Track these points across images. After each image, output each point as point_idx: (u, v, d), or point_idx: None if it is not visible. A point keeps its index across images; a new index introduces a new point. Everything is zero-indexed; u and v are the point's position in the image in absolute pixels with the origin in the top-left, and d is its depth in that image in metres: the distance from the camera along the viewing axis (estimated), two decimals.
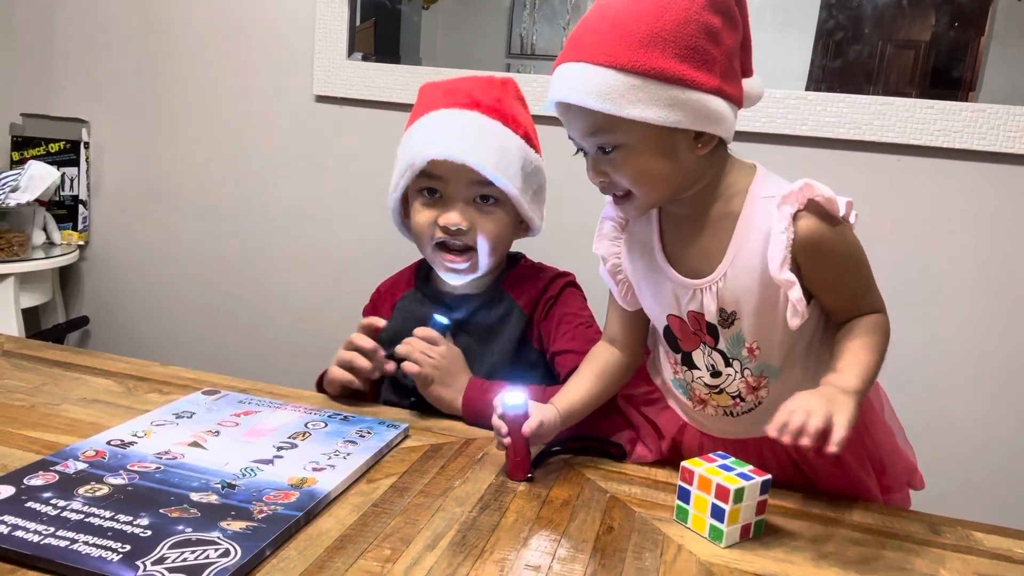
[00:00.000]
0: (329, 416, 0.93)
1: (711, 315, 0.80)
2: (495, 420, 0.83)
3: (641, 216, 0.84)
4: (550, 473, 0.85)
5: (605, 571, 0.66)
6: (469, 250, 1.01)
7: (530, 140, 1.04)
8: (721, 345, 0.82)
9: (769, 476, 0.73)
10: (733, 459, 0.76)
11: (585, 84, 0.73)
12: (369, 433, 0.88)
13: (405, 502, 0.75)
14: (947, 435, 1.47)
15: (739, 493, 0.71)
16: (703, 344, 0.83)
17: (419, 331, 0.99)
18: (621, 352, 0.92)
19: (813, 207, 0.75)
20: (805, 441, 0.68)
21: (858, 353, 0.77)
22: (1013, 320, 1.46)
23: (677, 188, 0.79)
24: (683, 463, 0.75)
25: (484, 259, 1.02)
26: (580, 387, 0.90)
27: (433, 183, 1.00)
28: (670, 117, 0.73)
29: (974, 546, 0.77)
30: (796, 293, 0.74)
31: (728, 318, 0.80)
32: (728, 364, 0.82)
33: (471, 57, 1.82)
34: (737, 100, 0.78)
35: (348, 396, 1.03)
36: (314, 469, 0.78)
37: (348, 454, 0.82)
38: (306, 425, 0.89)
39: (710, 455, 0.76)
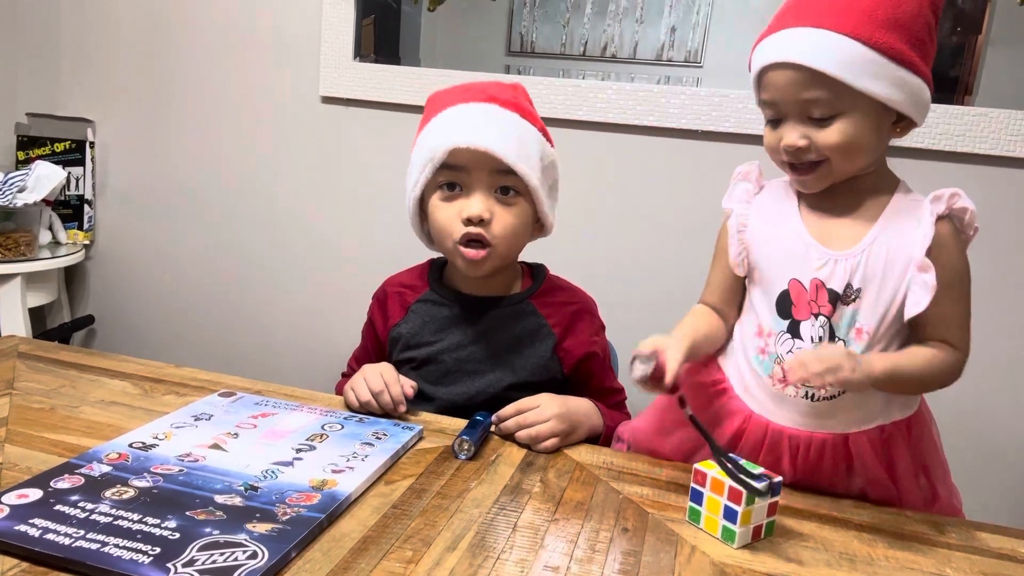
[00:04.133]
0: (345, 418, 0.94)
1: (839, 284, 0.83)
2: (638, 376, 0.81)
3: (822, 187, 0.86)
4: (563, 474, 0.86)
5: (622, 571, 0.68)
6: (487, 245, 1.00)
7: (545, 135, 1.05)
8: (835, 318, 0.84)
9: (780, 478, 0.75)
10: (745, 461, 0.77)
11: (827, 49, 0.78)
12: (385, 435, 0.90)
13: (423, 504, 0.77)
14: (949, 435, 1.49)
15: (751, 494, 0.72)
16: (816, 316, 0.84)
17: (521, 407, 0.96)
18: (720, 317, 0.94)
19: (956, 214, 0.82)
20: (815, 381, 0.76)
21: (909, 361, 0.82)
22: (1016, 322, 1.48)
23: (867, 164, 0.84)
24: (695, 465, 0.77)
25: (501, 251, 1.01)
26: (699, 328, 0.90)
27: (454, 176, 1.00)
28: (895, 96, 0.80)
29: (979, 546, 0.79)
30: (932, 277, 0.79)
31: (852, 294, 0.83)
32: (833, 340, 0.84)
33: (471, 55, 1.83)
34: (933, 93, 0.84)
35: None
36: (334, 471, 0.79)
37: (366, 456, 0.84)
38: (323, 427, 0.91)
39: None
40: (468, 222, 0.99)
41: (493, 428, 0.95)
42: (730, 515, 0.73)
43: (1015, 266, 1.47)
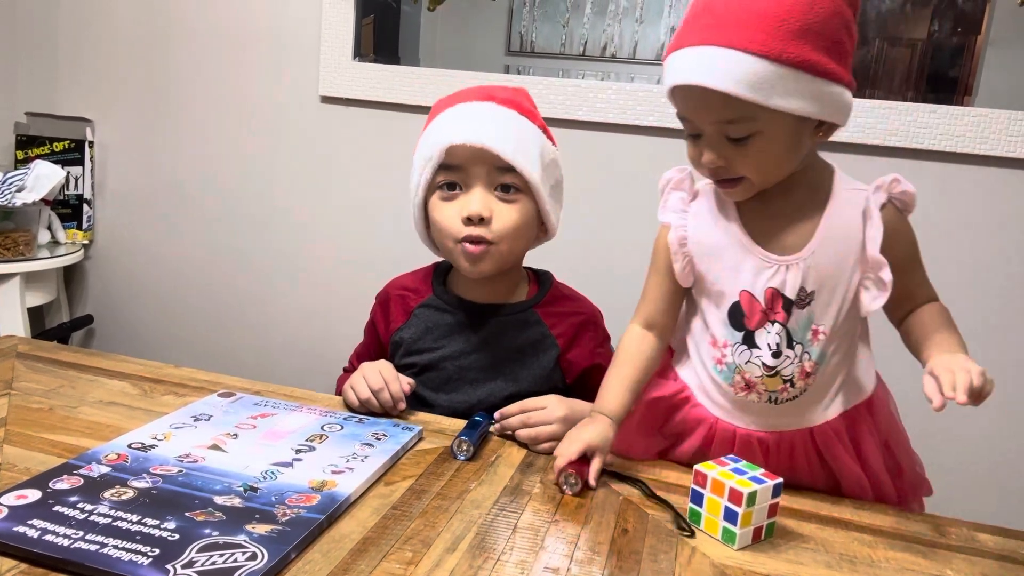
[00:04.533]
0: (344, 418, 0.94)
1: (792, 291, 0.82)
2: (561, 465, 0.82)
3: (747, 197, 0.84)
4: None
5: (622, 573, 0.68)
6: (488, 243, 0.99)
7: (547, 134, 1.04)
8: (791, 324, 0.83)
9: (780, 480, 0.75)
10: (745, 462, 0.77)
11: (733, 71, 0.73)
12: (384, 436, 0.90)
13: (423, 505, 0.76)
14: (950, 437, 1.49)
15: (752, 496, 0.72)
16: (771, 323, 0.83)
17: (526, 406, 0.95)
18: (657, 338, 0.92)
19: (897, 198, 0.82)
20: (975, 401, 0.72)
21: (951, 332, 0.83)
22: (1015, 323, 1.48)
23: (789, 172, 0.82)
24: (696, 466, 0.77)
25: (503, 249, 1.00)
26: (628, 388, 0.89)
27: (453, 176, 0.99)
28: (812, 108, 0.76)
29: (979, 547, 0.79)
30: (887, 274, 0.79)
31: (806, 298, 0.82)
32: (791, 346, 0.84)
33: (470, 55, 1.83)
34: (854, 90, 0.81)
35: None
36: (333, 472, 0.79)
37: (365, 457, 0.83)
38: (322, 428, 0.90)
39: (723, 459, 0.78)
40: (468, 221, 0.98)
41: (495, 426, 0.95)
42: (730, 516, 0.73)
43: (1016, 265, 1.47)
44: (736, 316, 0.85)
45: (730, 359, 0.86)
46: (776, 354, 0.83)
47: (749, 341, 0.85)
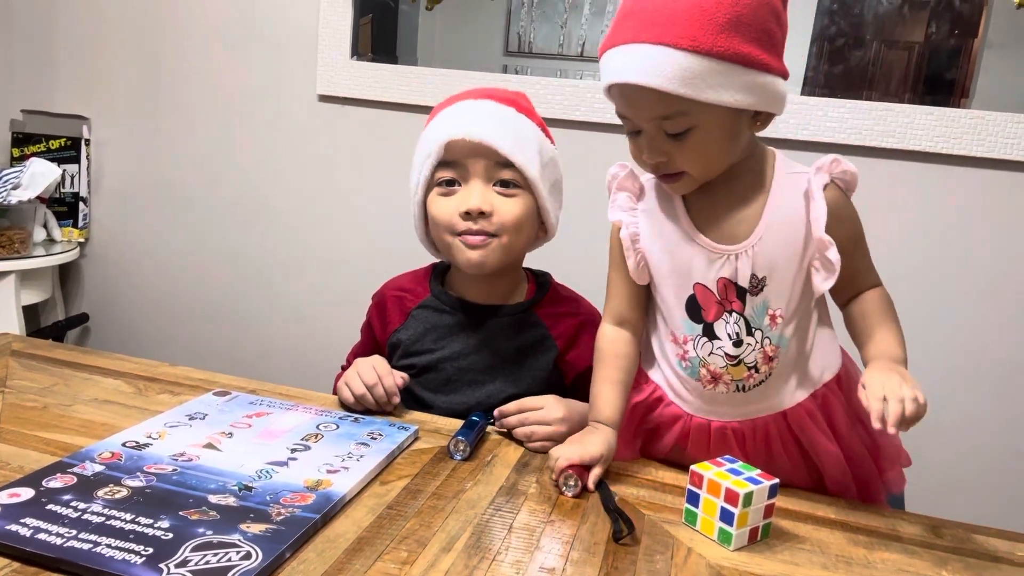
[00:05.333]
0: (340, 418, 0.94)
1: (744, 279, 0.83)
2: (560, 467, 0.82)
3: (690, 191, 0.85)
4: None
5: (618, 573, 0.67)
6: (490, 235, 0.99)
7: (545, 132, 1.04)
8: (747, 311, 0.84)
9: (776, 480, 0.75)
10: (741, 463, 0.77)
11: (664, 67, 0.74)
12: (380, 435, 0.89)
13: (419, 504, 0.76)
14: (948, 439, 1.50)
15: (748, 497, 0.72)
16: (728, 313, 0.84)
17: (524, 405, 0.95)
18: (631, 333, 0.92)
19: (839, 178, 0.83)
20: (904, 427, 0.72)
21: (891, 327, 0.84)
22: (1011, 323, 1.48)
23: (730, 163, 0.83)
24: (692, 467, 0.77)
25: (504, 243, 0.99)
26: (618, 391, 0.89)
27: (451, 172, 0.99)
28: (746, 100, 0.76)
29: (976, 548, 0.78)
30: (834, 253, 0.79)
31: (759, 284, 0.83)
32: (750, 333, 0.84)
33: (469, 55, 1.82)
34: (787, 78, 0.81)
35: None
36: (328, 471, 0.79)
37: (361, 456, 0.83)
38: (318, 427, 0.90)
39: (719, 459, 0.78)
40: (467, 215, 0.97)
41: (494, 424, 0.95)
42: (726, 517, 0.73)
43: (1011, 266, 1.47)
44: (693, 309, 0.86)
45: (692, 353, 0.86)
46: (737, 343, 0.84)
47: (709, 333, 0.85)
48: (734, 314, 0.84)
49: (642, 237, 0.88)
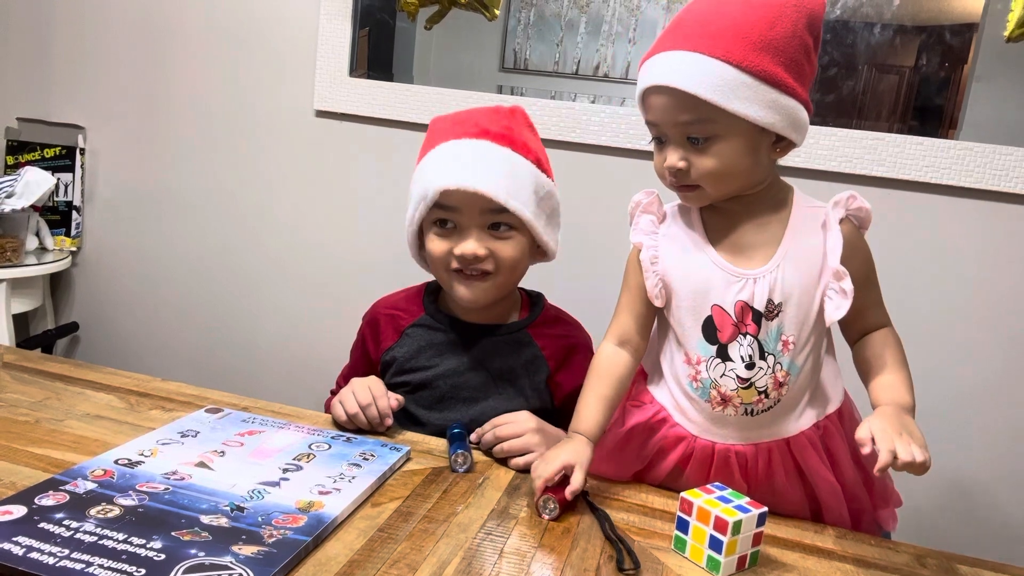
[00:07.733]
0: (332, 437, 0.94)
1: (760, 303, 0.85)
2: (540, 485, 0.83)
3: (704, 204, 0.89)
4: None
5: None
6: (486, 274, 1.02)
7: (541, 165, 1.05)
8: (761, 335, 0.85)
9: (765, 508, 0.75)
10: (731, 491, 0.78)
11: (699, 73, 0.80)
12: (372, 456, 0.90)
13: (410, 527, 0.77)
14: (942, 461, 1.51)
15: (737, 525, 0.73)
16: (742, 335, 0.86)
17: (496, 421, 0.98)
18: (631, 355, 0.94)
19: (854, 214, 0.87)
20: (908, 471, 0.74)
21: (901, 371, 0.87)
22: (994, 352, 1.50)
23: (745, 186, 0.86)
24: (682, 494, 0.77)
25: (499, 281, 1.02)
26: (603, 407, 0.91)
27: (446, 214, 1.01)
28: (768, 118, 0.81)
29: None
30: (848, 284, 0.82)
31: (775, 309, 0.85)
32: (763, 357, 0.86)
33: (464, 72, 1.84)
34: (811, 114, 0.86)
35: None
36: (320, 492, 0.79)
37: (353, 477, 0.83)
38: (310, 446, 0.90)
39: (709, 486, 0.79)
40: (462, 259, 1.00)
41: (475, 444, 0.97)
42: (715, 544, 0.74)
43: (998, 296, 1.49)
44: (709, 331, 0.88)
45: (704, 375, 0.88)
46: (749, 366, 0.86)
47: (723, 354, 0.87)
48: (748, 337, 0.86)
49: (661, 259, 0.91)
